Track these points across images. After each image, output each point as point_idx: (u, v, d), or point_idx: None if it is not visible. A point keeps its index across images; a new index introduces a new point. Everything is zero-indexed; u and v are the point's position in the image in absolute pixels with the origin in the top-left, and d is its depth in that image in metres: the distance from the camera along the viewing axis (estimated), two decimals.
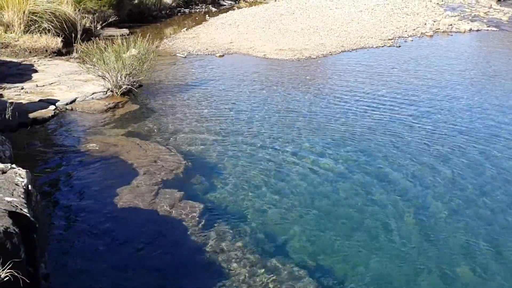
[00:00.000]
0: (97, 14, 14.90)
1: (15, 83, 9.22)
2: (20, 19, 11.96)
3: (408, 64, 12.12)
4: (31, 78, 9.65)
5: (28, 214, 3.25)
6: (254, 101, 9.09)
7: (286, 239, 4.93)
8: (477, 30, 17.07)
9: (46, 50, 11.62)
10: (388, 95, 9.57)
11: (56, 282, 4.05)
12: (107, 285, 4.23)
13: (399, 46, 14.20)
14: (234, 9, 21.15)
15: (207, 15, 19.60)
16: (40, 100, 8.40)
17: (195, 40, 14.54)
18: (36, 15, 12.26)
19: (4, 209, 3.14)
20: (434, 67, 11.89)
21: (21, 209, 3.24)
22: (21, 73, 9.91)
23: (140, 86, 9.63)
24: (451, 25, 17.35)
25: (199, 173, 6.17)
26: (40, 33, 12.09)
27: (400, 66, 11.93)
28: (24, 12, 12.01)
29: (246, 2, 23.83)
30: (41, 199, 4.15)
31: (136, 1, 17.63)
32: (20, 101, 8.19)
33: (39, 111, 7.96)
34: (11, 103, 7.54)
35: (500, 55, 13.73)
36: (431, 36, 15.96)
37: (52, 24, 12.30)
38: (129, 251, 4.64)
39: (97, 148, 6.74)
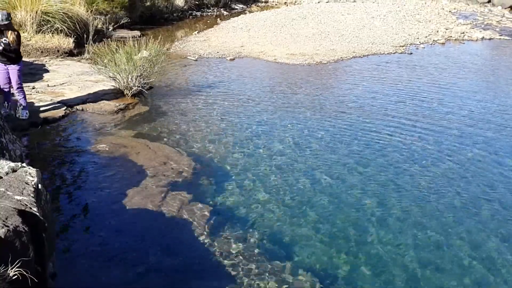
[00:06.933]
0: (109, 15, 14.98)
1: (26, 82, 9.24)
2: (32, 19, 12.03)
3: (420, 71, 12.03)
4: (42, 78, 9.70)
5: (37, 213, 3.24)
6: (264, 105, 9.06)
7: (295, 244, 4.88)
8: (490, 39, 16.95)
9: (58, 50, 11.69)
10: (402, 102, 9.51)
11: (63, 282, 4.03)
12: (114, 285, 4.21)
13: (411, 53, 14.13)
14: (245, 13, 21.18)
15: (218, 19, 19.64)
16: (51, 100, 8.42)
17: (206, 43, 14.56)
18: (49, 15, 12.33)
19: (13, 208, 3.12)
20: (446, 75, 11.79)
21: (30, 208, 3.23)
22: (32, 72, 9.96)
23: (151, 88, 9.64)
24: (463, 33, 17.25)
25: (207, 176, 6.14)
26: (52, 33, 12.16)
27: (411, 73, 11.84)
28: (36, 12, 12.08)
29: (258, 6, 23.89)
30: (50, 199, 4.14)
31: (148, 4, 17.72)
32: (31, 100, 8.22)
33: (50, 111, 7.98)
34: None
35: None
36: (443, 43, 15.87)
37: (64, 24, 12.37)
38: (136, 252, 4.62)
39: (106, 148, 6.74)
